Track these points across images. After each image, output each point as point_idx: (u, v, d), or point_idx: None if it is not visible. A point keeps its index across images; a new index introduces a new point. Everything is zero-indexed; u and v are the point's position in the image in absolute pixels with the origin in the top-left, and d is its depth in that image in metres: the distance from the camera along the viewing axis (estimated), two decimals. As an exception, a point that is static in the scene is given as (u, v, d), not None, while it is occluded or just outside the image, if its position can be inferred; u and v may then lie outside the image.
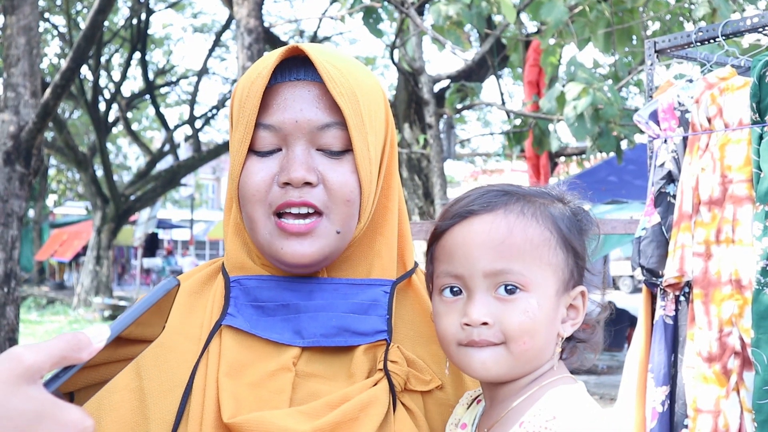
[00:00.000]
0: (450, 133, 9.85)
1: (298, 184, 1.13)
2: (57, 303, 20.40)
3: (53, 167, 28.29)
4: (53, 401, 0.81)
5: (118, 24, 20.37)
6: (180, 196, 34.88)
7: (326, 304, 1.17)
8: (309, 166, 1.14)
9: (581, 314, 1.14)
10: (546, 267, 1.09)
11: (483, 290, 1.08)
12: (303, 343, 1.15)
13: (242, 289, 1.20)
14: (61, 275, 27.40)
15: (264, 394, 1.12)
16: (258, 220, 1.16)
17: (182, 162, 19.36)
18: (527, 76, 9.88)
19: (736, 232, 2.47)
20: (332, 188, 1.14)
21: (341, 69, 1.17)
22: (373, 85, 1.23)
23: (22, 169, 6.48)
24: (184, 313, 1.22)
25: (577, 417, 1.04)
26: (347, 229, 1.17)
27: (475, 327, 1.07)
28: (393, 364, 1.16)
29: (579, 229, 1.15)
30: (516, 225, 1.09)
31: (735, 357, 2.46)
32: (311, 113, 1.15)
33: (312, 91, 1.16)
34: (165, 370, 1.16)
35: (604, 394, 9.42)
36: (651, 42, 3.07)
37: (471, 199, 1.14)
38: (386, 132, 1.24)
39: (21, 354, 0.81)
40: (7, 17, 6.60)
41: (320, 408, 1.10)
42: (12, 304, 6.48)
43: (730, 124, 2.56)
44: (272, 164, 1.16)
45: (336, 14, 9.18)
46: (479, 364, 1.08)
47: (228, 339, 1.17)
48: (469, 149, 20.53)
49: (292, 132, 1.15)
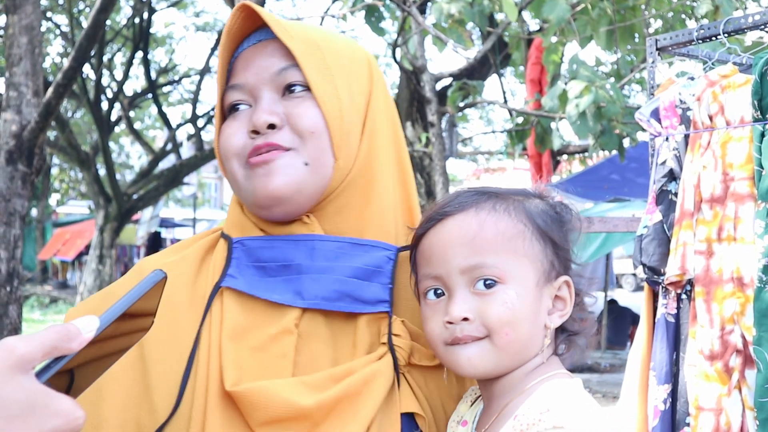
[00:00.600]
0: (452, 132, 9.86)
1: (262, 128, 1.16)
2: (60, 302, 20.44)
3: (56, 166, 28.32)
4: (45, 391, 0.82)
5: (120, 23, 20.38)
6: (183, 195, 34.87)
7: (328, 265, 1.17)
8: (271, 110, 1.17)
9: (569, 304, 1.15)
10: (522, 258, 1.11)
11: (461, 287, 1.10)
12: (303, 305, 1.15)
13: (244, 249, 1.20)
14: (64, 274, 27.42)
15: (266, 358, 1.12)
16: (236, 173, 1.20)
17: (185, 161, 19.36)
18: (529, 74, 9.87)
19: (737, 229, 2.47)
20: (295, 123, 1.17)
21: (303, 26, 1.22)
22: (350, 43, 1.28)
23: (25, 168, 6.49)
24: (188, 281, 1.22)
25: (571, 409, 1.05)
26: (318, 162, 1.17)
27: (457, 324, 1.09)
28: (396, 338, 1.17)
29: (558, 221, 1.16)
30: (487, 220, 1.11)
31: (737, 355, 2.46)
32: (268, 63, 1.20)
33: (270, 46, 1.21)
34: (168, 339, 1.16)
35: (606, 392, 9.42)
36: (652, 40, 3.07)
37: (445, 202, 1.17)
38: (370, 87, 1.26)
39: (13, 344, 0.81)
40: (9, 16, 6.61)
41: (324, 381, 1.10)
42: (15, 303, 6.49)
43: (731, 122, 2.55)
44: (244, 121, 1.20)
45: (338, 13, 9.18)
46: (465, 360, 1.09)
47: (229, 301, 1.17)
48: (471, 147, 20.54)
49: (255, 85, 1.20)
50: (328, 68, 1.19)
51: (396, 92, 10.88)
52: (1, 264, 6.40)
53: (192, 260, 1.25)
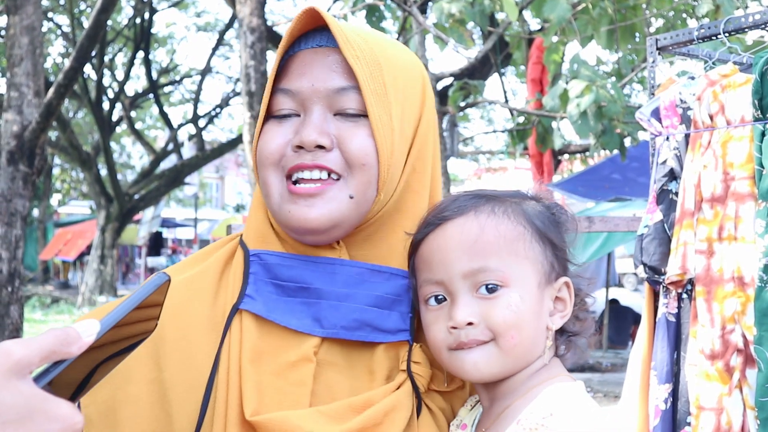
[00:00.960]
0: (453, 131, 9.86)
1: (310, 146, 1.11)
2: (61, 302, 20.44)
3: (57, 166, 28.34)
4: (43, 396, 0.81)
5: (121, 23, 20.39)
6: (184, 195, 34.88)
7: (348, 292, 1.14)
8: (322, 130, 1.12)
9: (569, 305, 1.15)
10: (523, 261, 1.10)
11: (465, 292, 1.09)
12: (322, 333, 1.13)
13: (262, 264, 1.17)
14: (66, 274, 27.44)
15: (285, 385, 1.10)
16: (271, 184, 1.15)
17: (186, 161, 19.38)
18: (530, 74, 9.87)
19: (738, 229, 2.47)
20: (347, 150, 1.12)
21: (365, 38, 1.16)
22: (409, 61, 1.22)
23: (26, 168, 6.50)
24: (208, 298, 1.18)
25: (574, 414, 1.04)
26: (362, 197, 1.13)
27: (462, 329, 1.08)
28: (416, 365, 1.15)
29: (555, 223, 1.16)
30: (487, 223, 1.11)
31: (738, 354, 2.46)
32: (328, 77, 1.14)
33: (331, 56, 1.15)
34: (188, 361, 1.13)
35: (608, 391, 9.41)
36: (653, 39, 3.07)
37: (443, 206, 1.16)
38: (420, 112, 1.22)
39: (10, 349, 0.80)
40: (11, 17, 6.61)
41: (343, 411, 1.08)
42: (16, 304, 6.50)
43: (732, 121, 2.55)
44: (289, 129, 1.15)
45: (339, 12, 9.17)
46: (471, 365, 1.09)
47: (248, 323, 1.14)
48: (472, 147, 20.54)
49: (308, 96, 1.14)
50: (386, 95, 1.14)
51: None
52: (2, 264, 6.40)
53: (212, 275, 1.21)
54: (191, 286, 1.19)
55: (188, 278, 1.20)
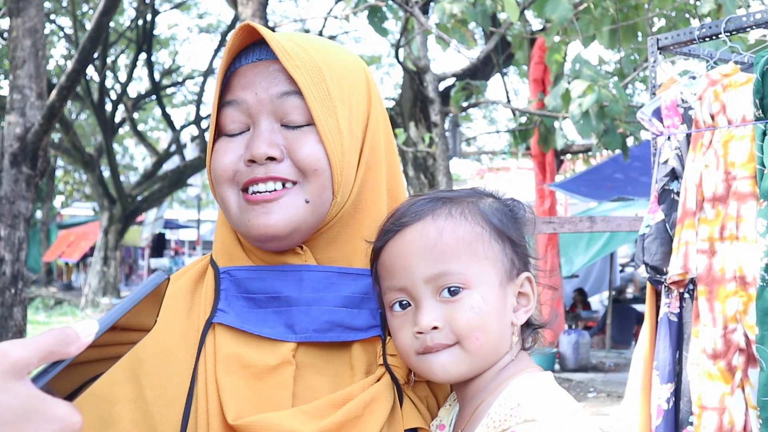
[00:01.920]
0: (455, 132, 9.86)
1: (261, 159, 1.13)
2: (65, 304, 20.47)
3: (60, 168, 28.38)
4: (41, 396, 0.80)
5: (123, 25, 20.42)
6: (187, 197, 34.90)
7: (317, 297, 1.16)
8: (272, 142, 1.14)
9: (533, 300, 1.16)
10: (483, 261, 1.11)
11: (428, 296, 1.10)
12: (296, 338, 1.15)
13: (232, 280, 1.19)
14: (69, 276, 27.48)
15: (265, 389, 1.12)
16: (228, 199, 1.17)
17: (189, 162, 19.40)
18: (532, 74, 9.88)
19: (740, 228, 2.47)
20: (297, 159, 1.14)
21: (303, 45, 1.18)
22: (350, 63, 1.23)
23: (29, 170, 6.51)
24: (181, 315, 1.21)
25: (541, 402, 1.05)
26: (318, 200, 1.15)
27: (427, 333, 1.09)
28: (393, 358, 1.16)
29: (512, 219, 1.17)
30: (445, 227, 1.11)
31: (740, 354, 2.46)
32: (270, 85, 1.16)
33: (272, 67, 1.17)
34: (166, 377, 1.15)
35: (611, 391, 9.41)
36: (654, 39, 3.07)
37: (401, 212, 1.16)
38: (368, 110, 1.23)
39: (7, 349, 0.80)
40: (13, 19, 6.63)
41: (324, 408, 1.10)
42: (19, 305, 6.51)
43: (733, 121, 2.55)
44: (240, 144, 1.17)
45: (341, 13, 9.18)
46: (439, 367, 1.10)
47: (222, 335, 1.16)
48: (474, 147, 20.55)
49: (254, 106, 1.16)
50: (330, 99, 1.16)
51: (399, 93, 10.89)
52: (5, 266, 6.41)
53: (183, 293, 1.23)
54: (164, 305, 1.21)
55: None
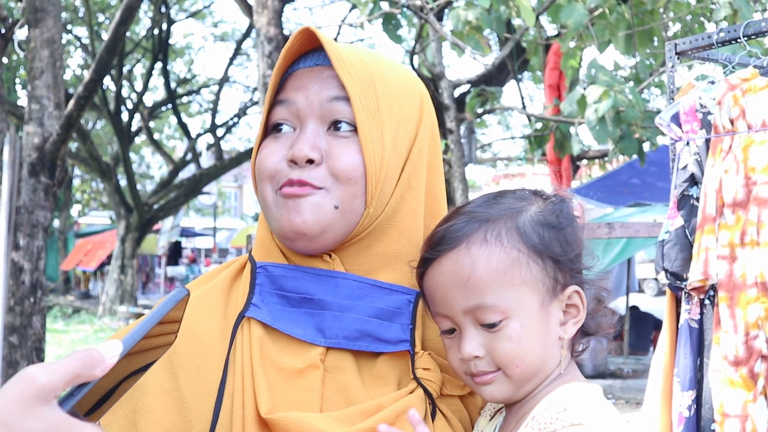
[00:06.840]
0: (471, 138, 9.85)
1: (301, 161, 1.15)
2: (82, 312, 20.59)
3: (77, 177, 28.56)
4: (68, 421, 0.80)
5: (139, 34, 20.56)
6: (203, 205, 35.05)
7: (350, 304, 1.17)
8: (314, 145, 1.15)
9: (582, 311, 1.14)
10: (520, 287, 1.09)
11: (468, 325, 1.11)
12: (325, 343, 1.16)
13: (268, 275, 1.20)
14: (86, 284, 27.63)
15: (293, 390, 1.13)
16: (267, 197, 1.19)
17: (204, 170, 19.47)
18: (548, 80, 9.85)
19: (760, 234, 2.45)
20: (333, 164, 1.15)
21: (359, 55, 1.20)
22: (406, 80, 1.25)
23: (47, 180, 6.55)
24: (218, 310, 1.22)
25: (588, 407, 1.05)
26: (348, 207, 1.15)
27: (470, 360, 1.10)
28: (426, 371, 1.17)
29: (557, 228, 1.13)
30: (479, 257, 1.10)
31: (762, 360, 2.44)
32: (321, 89, 1.18)
33: (326, 73, 1.19)
34: (201, 369, 1.16)
35: (629, 398, 9.35)
36: (672, 44, 3.05)
37: (438, 237, 1.15)
38: (417, 130, 1.24)
39: (34, 374, 0.80)
40: (31, 30, 6.68)
41: (355, 415, 1.10)
42: (38, 314, 6.54)
43: (753, 126, 2.53)
44: (285, 144, 1.19)
45: (355, 21, 9.20)
46: (486, 393, 1.12)
47: (254, 329, 1.17)
48: (490, 153, 20.50)
49: (303, 108, 1.18)
50: (378, 111, 1.17)
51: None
52: (24, 275, 6.45)
53: (221, 289, 1.25)
54: (202, 300, 1.22)
55: (199, 294, 1.24)
